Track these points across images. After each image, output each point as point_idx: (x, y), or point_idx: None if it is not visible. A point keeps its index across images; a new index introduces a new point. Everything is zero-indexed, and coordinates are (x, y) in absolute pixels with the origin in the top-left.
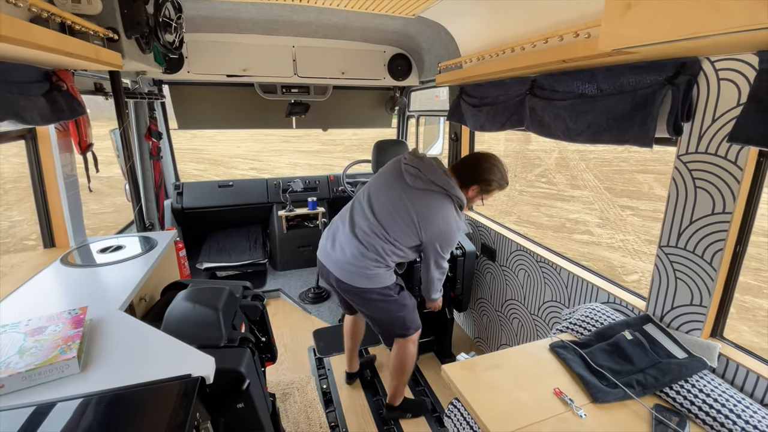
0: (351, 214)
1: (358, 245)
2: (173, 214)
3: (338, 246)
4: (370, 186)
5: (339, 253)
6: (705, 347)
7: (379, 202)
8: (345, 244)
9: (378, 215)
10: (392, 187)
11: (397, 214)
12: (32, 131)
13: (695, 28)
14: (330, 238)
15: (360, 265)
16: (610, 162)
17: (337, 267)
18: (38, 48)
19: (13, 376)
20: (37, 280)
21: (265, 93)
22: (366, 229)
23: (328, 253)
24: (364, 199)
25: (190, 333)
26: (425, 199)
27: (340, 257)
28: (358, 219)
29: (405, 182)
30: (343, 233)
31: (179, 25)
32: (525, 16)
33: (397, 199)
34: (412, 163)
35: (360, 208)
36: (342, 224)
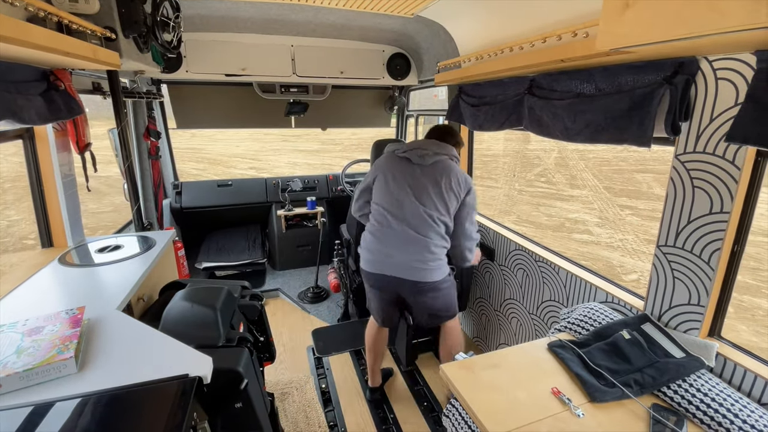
0: (386, 216)
1: (418, 238)
2: (172, 214)
3: (395, 250)
4: (386, 187)
5: (401, 254)
6: (703, 347)
7: (410, 192)
8: (403, 244)
9: (419, 200)
10: (408, 173)
11: (433, 192)
12: (30, 131)
13: (693, 28)
14: (377, 246)
15: (429, 258)
16: (609, 161)
17: (405, 269)
18: (35, 47)
19: (10, 376)
20: (35, 280)
21: (263, 92)
22: (415, 221)
23: (387, 260)
24: (391, 198)
25: (188, 333)
26: (440, 167)
27: (405, 258)
28: (402, 215)
29: (414, 164)
30: (394, 235)
31: (177, 24)
32: (523, 15)
33: (420, 180)
34: (409, 147)
35: (396, 205)
36: (387, 228)
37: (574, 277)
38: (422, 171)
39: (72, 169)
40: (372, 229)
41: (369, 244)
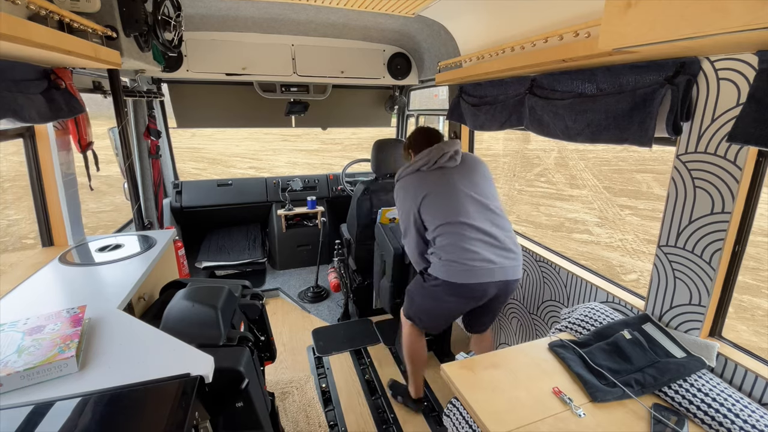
0: (463, 228)
1: (502, 234)
2: (172, 213)
3: (492, 254)
4: (443, 203)
5: (499, 257)
6: (704, 347)
7: (470, 194)
8: (494, 247)
9: (482, 198)
10: (452, 181)
11: (484, 185)
12: (30, 129)
13: (696, 28)
14: (471, 255)
15: (517, 251)
16: (609, 161)
17: (507, 270)
18: (36, 46)
19: (11, 375)
20: (36, 279)
21: (264, 92)
22: (490, 219)
23: (489, 266)
24: (456, 209)
25: (189, 332)
26: (469, 161)
27: (503, 259)
28: (476, 218)
29: (451, 169)
30: (480, 241)
31: (178, 23)
32: (525, 15)
33: (467, 180)
34: (433, 158)
35: (465, 213)
36: (471, 238)
37: (575, 277)
38: (460, 172)
39: (72, 168)
40: (452, 243)
41: (460, 256)
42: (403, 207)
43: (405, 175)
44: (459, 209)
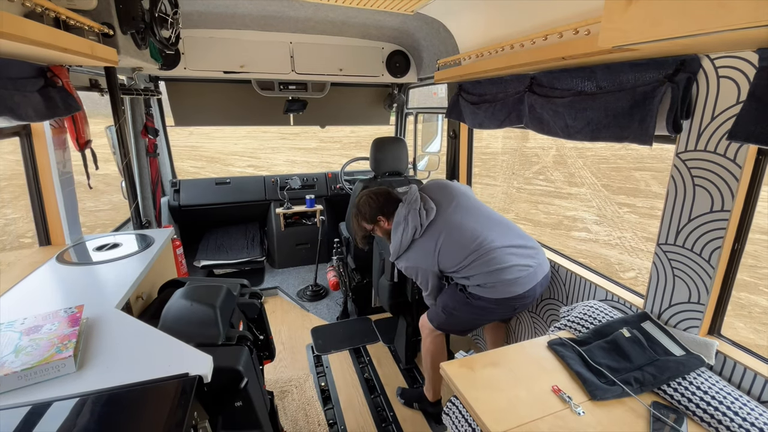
0: (485, 244)
1: (520, 235)
2: (170, 212)
3: (524, 259)
4: (457, 234)
5: (533, 253)
6: (703, 345)
7: (468, 212)
8: (525, 245)
9: (483, 218)
10: (446, 223)
11: (472, 204)
12: (27, 128)
13: (699, 25)
14: (507, 267)
15: (535, 241)
16: (608, 159)
17: (544, 265)
18: (32, 43)
19: (8, 376)
20: (33, 279)
21: (262, 90)
22: (503, 224)
23: (528, 271)
24: (472, 232)
25: (188, 331)
26: (440, 193)
27: (538, 254)
28: (494, 234)
29: (437, 216)
30: (511, 251)
31: (175, 20)
32: (524, 13)
33: (458, 211)
34: (418, 218)
35: (481, 232)
36: (502, 252)
37: (574, 276)
38: (447, 210)
39: (69, 167)
40: (488, 271)
41: (501, 276)
42: (421, 274)
43: (404, 252)
44: (474, 241)
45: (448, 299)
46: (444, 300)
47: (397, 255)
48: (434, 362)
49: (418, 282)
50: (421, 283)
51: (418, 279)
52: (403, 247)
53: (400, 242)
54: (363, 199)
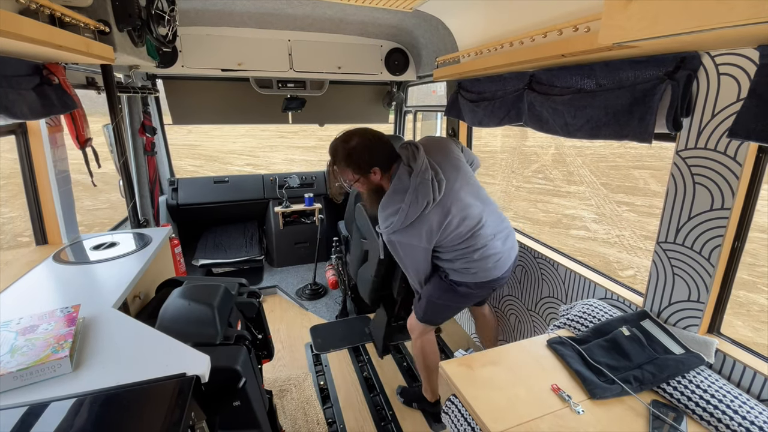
0: (479, 236)
1: (499, 215)
2: (168, 211)
3: (497, 242)
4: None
5: (507, 233)
6: (702, 343)
7: (469, 201)
8: (502, 228)
9: (478, 194)
10: (451, 197)
11: (468, 172)
12: (23, 126)
13: (699, 22)
14: (483, 252)
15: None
16: (606, 158)
17: (515, 245)
18: (27, 41)
19: (4, 376)
20: (29, 278)
21: (260, 88)
22: (491, 208)
23: (505, 251)
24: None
25: (185, 331)
26: (439, 152)
27: (511, 234)
28: (485, 216)
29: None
30: (496, 234)
31: (172, 17)
32: (523, 10)
33: (459, 180)
34: (429, 189)
35: (478, 225)
36: (490, 236)
37: (573, 274)
38: (452, 178)
39: (66, 165)
40: (473, 255)
41: (486, 263)
42: (415, 254)
43: (405, 228)
44: (477, 226)
45: (433, 289)
46: (429, 291)
47: (393, 228)
48: (428, 362)
49: (406, 262)
50: (409, 264)
51: (409, 258)
52: (407, 221)
53: (406, 215)
54: (358, 142)
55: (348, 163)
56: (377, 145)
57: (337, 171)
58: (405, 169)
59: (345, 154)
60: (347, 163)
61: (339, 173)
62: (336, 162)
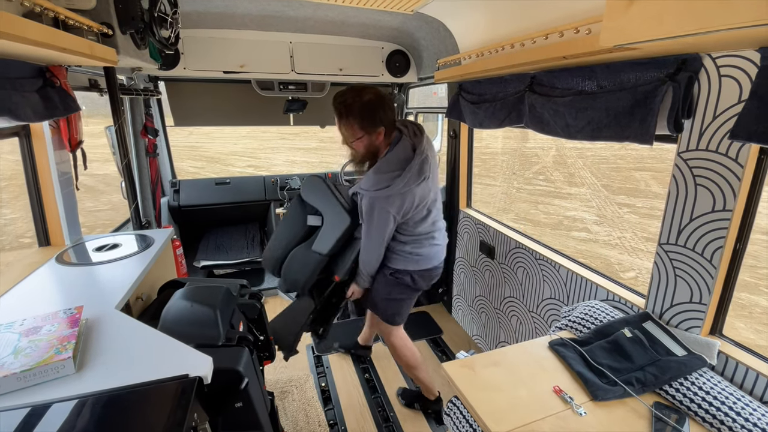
0: (434, 221)
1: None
2: (170, 212)
3: (441, 236)
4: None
5: (444, 233)
6: (704, 345)
7: (437, 187)
8: (443, 226)
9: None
10: (429, 177)
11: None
12: (26, 128)
13: (700, 24)
14: (435, 244)
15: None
16: (608, 159)
17: (445, 249)
18: (31, 43)
19: (7, 377)
20: (32, 279)
21: (262, 89)
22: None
23: (440, 246)
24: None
25: (188, 332)
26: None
27: (445, 237)
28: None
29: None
30: (440, 222)
31: (175, 20)
32: (524, 12)
33: (434, 168)
34: (420, 163)
35: (436, 209)
36: (438, 221)
37: (575, 275)
38: (432, 163)
39: (69, 167)
40: (425, 238)
41: (430, 248)
42: (383, 224)
43: (394, 195)
44: (435, 212)
45: (382, 288)
46: (378, 292)
47: (387, 192)
48: (407, 360)
49: (374, 231)
50: (377, 234)
51: (380, 227)
52: (402, 189)
53: (405, 182)
54: (373, 97)
55: (361, 116)
56: (388, 104)
57: (340, 124)
58: (408, 141)
59: (360, 106)
60: (361, 116)
61: (342, 127)
62: (348, 114)
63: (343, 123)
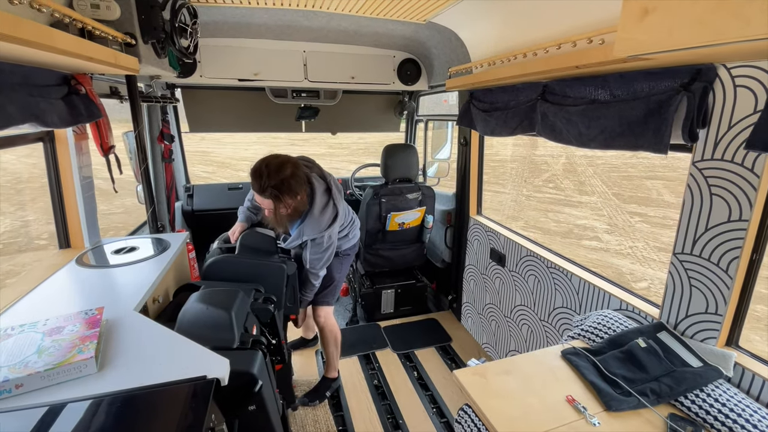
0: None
1: None
2: (183, 216)
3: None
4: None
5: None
6: (720, 356)
7: None
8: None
9: None
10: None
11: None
12: (50, 134)
13: (715, 36)
14: (354, 222)
15: None
16: (618, 168)
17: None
18: (60, 53)
19: (32, 376)
20: (54, 280)
21: (275, 97)
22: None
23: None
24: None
25: (204, 334)
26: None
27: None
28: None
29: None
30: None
31: (194, 30)
32: (537, 22)
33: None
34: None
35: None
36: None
37: (587, 284)
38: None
39: (90, 172)
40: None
41: (355, 226)
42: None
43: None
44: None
45: (333, 272)
46: (335, 274)
47: (329, 221)
48: (337, 338)
49: (328, 251)
50: (330, 249)
51: (331, 247)
52: (337, 208)
53: (339, 204)
54: (293, 168)
55: (295, 188)
56: (298, 164)
57: (272, 204)
58: (315, 177)
59: (291, 182)
60: (295, 188)
61: (281, 206)
62: (285, 194)
63: (281, 204)
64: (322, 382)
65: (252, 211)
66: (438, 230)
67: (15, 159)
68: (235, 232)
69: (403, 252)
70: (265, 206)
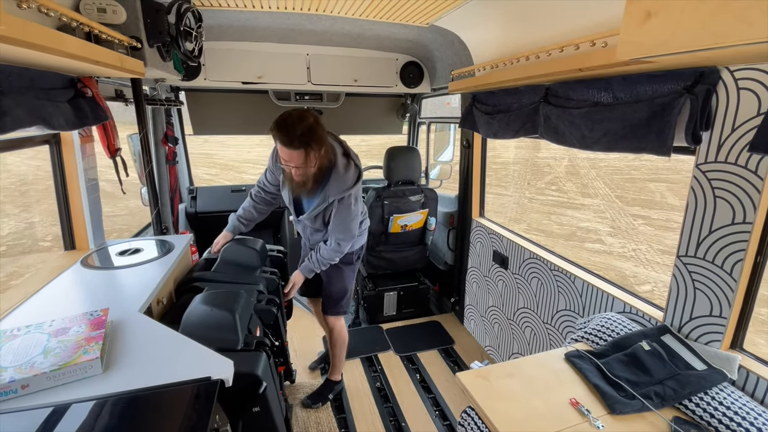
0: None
1: None
2: (187, 218)
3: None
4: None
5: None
6: (725, 359)
7: None
8: None
9: None
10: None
11: None
12: (56, 136)
13: (717, 39)
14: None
15: None
16: (621, 170)
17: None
18: (67, 56)
19: (38, 376)
20: (59, 281)
21: (278, 100)
22: None
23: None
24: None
25: (208, 336)
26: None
27: None
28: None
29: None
30: None
31: (199, 33)
32: (540, 25)
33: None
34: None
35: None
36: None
37: (591, 287)
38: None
39: (96, 174)
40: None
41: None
42: (357, 210)
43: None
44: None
45: (346, 282)
46: (346, 284)
47: (353, 181)
48: (345, 343)
49: (353, 221)
50: (353, 220)
51: (355, 216)
52: (358, 172)
53: (360, 169)
54: (314, 116)
55: (322, 135)
56: (316, 115)
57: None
58: (331, 139)
59: (317, 128)
60: (322, 135)
61: (309, 157)
62: (314, 141)
63: (310, 154)
64: (325, 384)
65: (242, 221)
66: (440, 232)
67: (19, 161)
68: (218, 243)
69: (405, 254)
70: (294, 163)
